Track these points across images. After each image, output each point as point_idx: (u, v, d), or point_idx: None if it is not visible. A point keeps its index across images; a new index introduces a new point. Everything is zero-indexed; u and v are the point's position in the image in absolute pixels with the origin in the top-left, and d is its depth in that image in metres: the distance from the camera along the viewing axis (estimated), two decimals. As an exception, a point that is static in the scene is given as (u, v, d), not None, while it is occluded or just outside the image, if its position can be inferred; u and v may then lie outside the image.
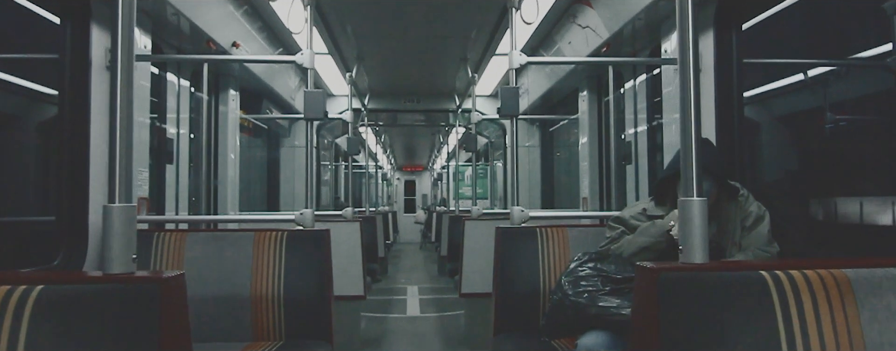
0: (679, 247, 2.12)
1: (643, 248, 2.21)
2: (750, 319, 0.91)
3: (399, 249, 13.12)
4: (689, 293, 0.94)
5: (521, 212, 2.67)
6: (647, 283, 0.98)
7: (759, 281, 0.94)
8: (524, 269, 2.58)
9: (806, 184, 3.11)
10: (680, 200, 1.12)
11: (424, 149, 13.44)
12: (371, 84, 6.02)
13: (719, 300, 0.93)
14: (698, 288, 0.95)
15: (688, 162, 1.10)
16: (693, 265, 1.02)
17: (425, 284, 7.88)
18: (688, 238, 1.05)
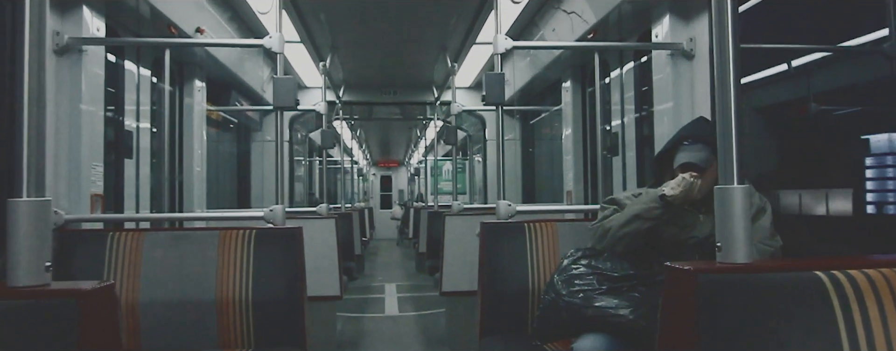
0: (660, 201, 2.00)
1: (635, 216, 2.04)
2: (808, 327, 0.76)
3: (376, 245, 12.92)
4: (735, 298, 0.79)
5: (507, 206, 2.51)
6: (683, 286, 0.82)
7: (815, 283, 0.79)
8: (512, 266, 2.42)
9: (794, 176, 3.01)
10: (717, 189, 0.96)
11: (401, 143, 13.22)
12: (346, 76, 5.80)
13: (771, 306, 0.78)
14: (746, 292, 0.79)
15: (727, 145, 0.93)
16: (736, 266, 0.86)
17: (403, 281, 7.70)
18: (728, 233, 0.90)
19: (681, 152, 2.08)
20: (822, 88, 2.95)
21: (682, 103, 2.60)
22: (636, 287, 2.04)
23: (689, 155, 2.06)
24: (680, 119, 2.59)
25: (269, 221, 2.45)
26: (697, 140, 2.08)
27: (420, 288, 6.95)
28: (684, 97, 2.61)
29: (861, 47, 2.64)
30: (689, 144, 2.08)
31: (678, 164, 2.06)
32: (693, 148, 2.07)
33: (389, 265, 9.65)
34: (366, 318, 5.43)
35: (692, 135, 2.09)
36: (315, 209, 4.10)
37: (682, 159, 2.05)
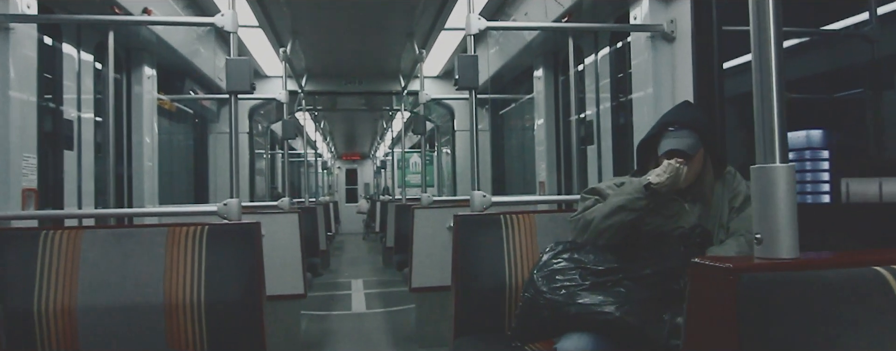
0: (650, 189, 1.88)
1: (618, 207, 1.92)
2: (875, 335, 0.63)
3: (341, 240, 12.68)
4: (785, 301, 0.65)
5: (482, 197, 2.36)
6: (718, 287, 0.68)
7: (877, 281, 0.65)
8: (487, 261, 2.27)
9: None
10: (755, 169, 0.81)
11: (366, 136, 12.95)
12: (308, 64, 5.55)
13: (828, 310, 0.64)
14: (798, 293, 0.66)
15: (767, 116, 0.77)
16: (781, 261, 0.72)
17: (371, 277, 7.51)
18: (770, 222, 0.75)
19: (665, 139, 1.96)
20: (794, 76, 2.88)
21: (663, 88, 2.49)
22: (621, 282, 1.92)
23: (674, 141, 1.94)
24: (661, 105, 2.48)
25: (223, 216, 2.25)
26: (683, 126, 1.96)
27: (388, 283, 6.77)
28: (665, 82, 2.50)
29: (843, 31, 2.57)
30: (674, 130, 1.96)
31: (663, 150, 1.93)
32: (679, 134, 1.95)
33: (356, 260, 9.43)
34: (332, 316, 5.22)
35: (677, 120, 1.97)
36: (276, 203, 3.89)
37: (668, 146, 1.93)
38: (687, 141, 1.93)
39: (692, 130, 1.95)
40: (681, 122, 1.97)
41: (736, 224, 2.01)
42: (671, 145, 1.92)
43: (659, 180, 1.87)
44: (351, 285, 6.82)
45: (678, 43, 2.46)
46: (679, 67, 2.45)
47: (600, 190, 2.09)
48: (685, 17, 2.40)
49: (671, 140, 1.94)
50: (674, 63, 2.48)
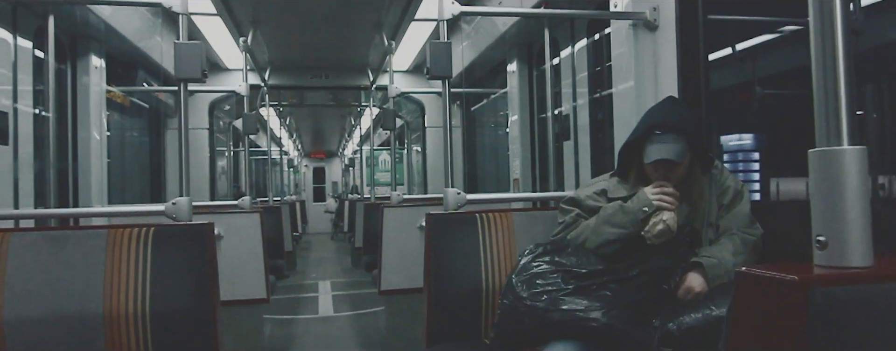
0: (651, 234, 1.77)
1: (609, 241, 1.83)
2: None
3: (308, 240, 12.39)
4: (863, 320, 0.51)
5: (457, 195, 2.19)
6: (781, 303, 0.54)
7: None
8: (462, 263, 2.11)
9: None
10: (815, 153, 0.65)
11: (334, 133, 12.66)
12: (272, 57, 5.31)
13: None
14: (878, 311, 0.52)
15: (831, 94, 0.62)
16: (855, 271, 0.58)
17: (339, 278, 7.30)
18: (840, 222, 0.61)
19: (652, 145, 1.82)
20: (770, 71, 2.80)
21: (645, 80, 2.36)
22: (607, 285, 1.78)
23: (662, 148, 1.80)
24: (643, 98, 2.36)
25: (171, 216, 2.03)
26: (670, 129, 1.82)
27: (356, 285, 6.57)
28: (647, 74, 2.37)
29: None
30: (660, 135, 1.82)
31: (650, 159, 1.80)
32: (665, 139, 1.81)
33: (323, 261, 9.19)
34: (298, 320, 5.01)
35: (664, 122, 1.82)
36: (236, 203, 3.66)
37: (655, 155, 1.80)
38: (675, 147, 1.80)
39: (679, 134, 1.82)
40: (667, 125, 1.82)
41: (725, 222, 1.90)
42: (659, 154, 1.79)
43: (653, 239, 1.76)
44: (318, 287, 6.61)
45: (661, 32, 2.33)
46: (662, 59, 2.33)
47: (580, 201, 1.96)
48: (669, 5, 2.28)
49: (658, 147, 1.81)
50: (656, 54, 2.35)
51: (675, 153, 1.79)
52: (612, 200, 1.93)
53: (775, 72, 2.74)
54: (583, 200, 1.97)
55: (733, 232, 1.85)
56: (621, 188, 1.94)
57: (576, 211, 1.97)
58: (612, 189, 1.96)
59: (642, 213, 1.79)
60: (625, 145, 1.92)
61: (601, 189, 1.97)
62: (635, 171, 1.93)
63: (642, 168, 1.90)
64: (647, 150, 1.82)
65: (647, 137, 1.84)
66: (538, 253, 1.84)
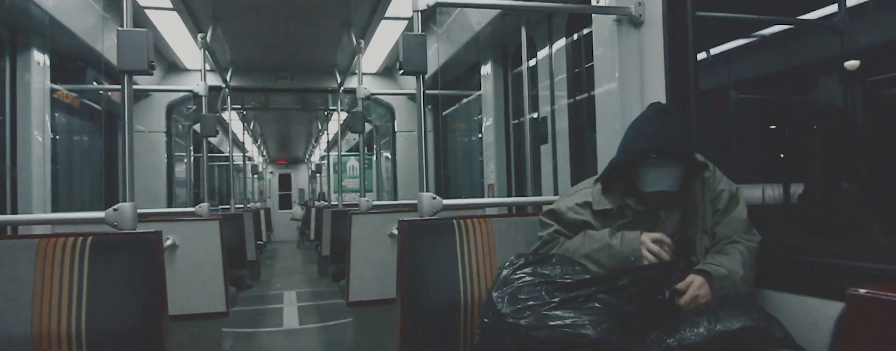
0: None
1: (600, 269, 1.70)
2: None
3: (274, 248, 12.04)
4: None
5: (432, 199, 2.03)
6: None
7: None
8: (439, 273, 1.95)
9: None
10: None
11: (301, 138, 12.35)
12: (234, 57, 5.07)
13: None
14: None
15: None
16: None
17: (305, 288, 7.03)
18: None
19: (649, 171, 1.69)
20: (745, 76, 2.73)
21: (631, 81, 2.24)
22: (595, 296, 1.64)
23: (661, 177, 1.68)
24: (628, 100, 2.24)
25: (112, 223, 1.82)
26: (668, 153, 1.67)
27: (323, 295, 6.33)
28: (632, 74, 2.25)
29: (814, 22, 2.42)
30: (657, 159, 1.68)
31: (650, 189, 1.68)
32: (664, 164, 1.67)
33: (289, 270, 8.88)
34: (260, 333, 4.75)
35: (660, 146, 1.67)
36: (193, 210, 3.42)
37: (655, 185, 1.67)
38: (674, 173, 1.68)
39: (677, 159, 1.69)
40: (666, 149, 1.68)
41: (722, 229, 1.78)
42: (658, 185, 1.67)
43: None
44: (283, 298, 6.33)
45: (647, 29, 2.22)
46: (648, 58, 2.21)
47: (561, 214, 1.82)
48: (656, 1, 2.17)
49: (656, 174, 1.68)
50: (642, 52, 2.24)
51: (675, 181, 1.67)
52: (596, 213, 1.79)
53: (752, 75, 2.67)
54: (563, 212, 1.83)
55: (736, 240, 1.73)
56: (606, 200, 1.80)
57: (554, 227, 1.83)
58: (596, 200, 1.81)
59: (629, 261, 1.66)
60: (616, 164, 1.78)
61: (584, 201, 1.82)
62: (624, 182, 1.80)
63: (632, 180, 1.77)
64: (644, 175, 1.70)
65: (642, 160, 1.70)
66: (518, 265, 1.69)
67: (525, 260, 1.70)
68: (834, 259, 1.70)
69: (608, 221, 1.80)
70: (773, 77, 2.66)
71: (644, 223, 1.77)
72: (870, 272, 1.55)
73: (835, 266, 1.69)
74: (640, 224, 1.76)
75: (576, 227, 1.81)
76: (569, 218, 1.82)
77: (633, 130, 1.79)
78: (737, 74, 2.63)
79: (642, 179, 1.70)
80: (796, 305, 1.69)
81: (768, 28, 2.40)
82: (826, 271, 1.71)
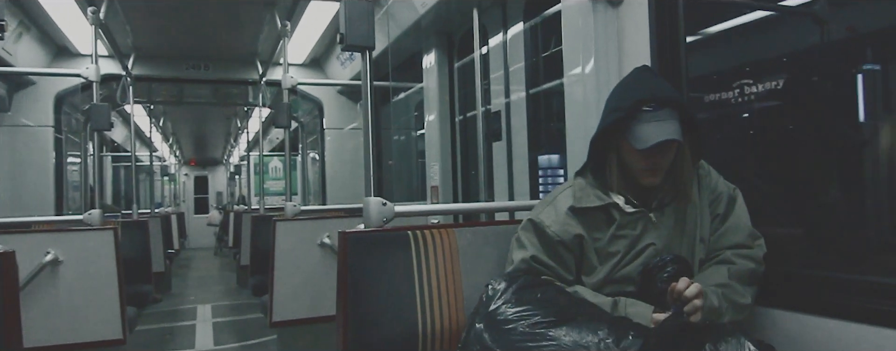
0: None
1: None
2: None
3: (188, 256, 11.13)
4: None
5: (382, 206, 1.63)
6: None
7: None
8: (392, 297, 1.56)
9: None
10: None
11: (218, 138, 11.48)
12: (137, 42, 4.44)
13: None
14: None
15: None
16: None
17: (222, 301, 6.40)
18: None
19: (643, 124, 1.39)
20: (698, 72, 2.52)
21: (608, 64, 1.95)
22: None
23: (658, 128, 1.38)
24: (604, 88, 1.94)
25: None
26: (662, 103, 1.40)
27: (242, 309, 5.75)
28: (609, 59, 1.96)
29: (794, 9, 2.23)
30: (652, 111, 1.40)
31: (649, 143, 1.37)
32: (659, 116, 1.39)
33: (204, 281, 8.14)
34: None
35: (654, 97, 1.41)
36: (81, 218, 2.84)
37: (654, 136, 1.37)
38: (673, 125, 1.40)
39: (673, 109, 1.41)
40: (660, 99, 1.41)
41: (723, 238, 1.51)
42: (659, 135, 1.37)
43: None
44: (196, 313, 5.70)
45: (627, 8, 1.93)
46: (629, 41, 1.93)
47: (543, 229, 1.49)
48: (636, -26, 1.89)
49: (653, 126, 1.38)
50: (620, 35, 1.95)
51: (676, 131, 1.38)
52: (579, 212, 1.47)
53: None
54: (546, 228, 1.48)
55: (726, 259, 1.47)
56: (592, 194, 1.49)
57: (531, 253, 1.48)
58: (579, 194, 1.50)
59: (645, 316, 1.37)
60: (601, 130, 1.47)
61: (569, 207, 1.50)
62: (612, 168, 1.49)
63: (621, 164, 1.48)
64: (637, 132, 1.39)
65: (632, 117, 1.40)
66: (500, 292, 1.34)
67: (506, 285, 1.35)
68: (858, 275, 1.47)
69: (595, 231, 1.48)
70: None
71: (634, 229, 1.47)
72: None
73: (857, 282, 1.45)
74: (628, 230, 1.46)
75: (566, 247, 1.48)
76: (551, 236, 1.48)
77: (618, 92, 1.51)
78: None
79: (637, 137, 1.39)
80: (812, 329, 1.44)
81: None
82: (844, 287, 1.47)
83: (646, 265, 1.45)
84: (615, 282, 1.47)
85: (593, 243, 1.48)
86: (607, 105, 1.51)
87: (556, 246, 1.47)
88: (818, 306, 1.44)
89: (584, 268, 1.50)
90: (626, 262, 1.47)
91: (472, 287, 1.62)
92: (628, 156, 1.46)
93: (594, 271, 1.48)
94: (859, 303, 1.37)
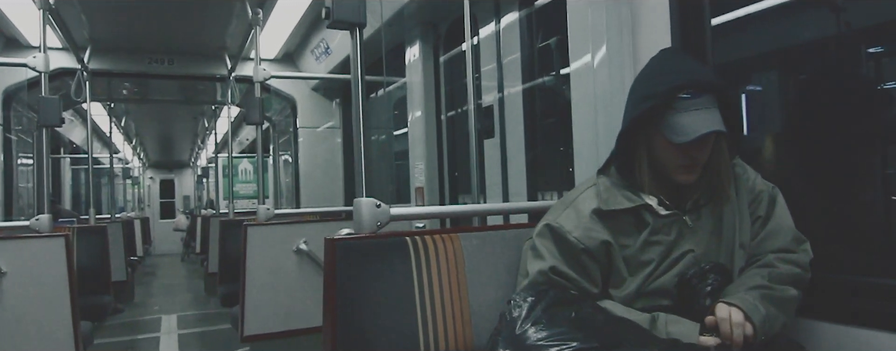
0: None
1: None
2: None
3: (154, 263, 10.68)
4: None
5: (376, 208, 1.41)
6: None
7: None
8: (389, 313, 1.34)
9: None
10: None
11: (185, 139, 11.04)
12: (94, 33, 4.12)
13: None
14: None
15: None
16: None
17: (188, 310, 6.07)
18: None
19: (681, 116, 1.21)
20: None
21: (622, 51, 1.76)
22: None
23: (702, 119, 1.20)
24: (616, 75, 1.75)
25: None
26: (702, 89, 1.22)
27: (210, 319, 5.44)
28: (624, 42, 1.77)
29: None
30: (690, 98, 1.21)
31: (690, 137, 1.18)
32: (699, 104, 1.21)
33: (170, 289, 7.76)
34: (128, 375, 3.85)
35: (694, 81, 1.22)
36: (27, 224, 2.55)
37: (696, 129, 1.18)
38: (714, 115, 1.22)
39: (712, 96, 1.23)
40: (700, 84, 1.23)
41: (765, 243, 1.34)
42: (701, 127, 1.18)
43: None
44: (161, 324, 5.37)
45: (641, -11, 1.75)
46: (644, 24, 1.75)
47: (564, 235, 1.28)
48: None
49: (693, 116, 1.20)
50: (635, 19, 1.77)
51: (718, 122, 1.20)
52: (606, 215, 1.28)
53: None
54: (567, 234, 1.29)
55: (768, 262, 1.30)
56: (620, 194, 1.30)
57: (550, 263, 1.28)
58: (605, 195, 1.31)
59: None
60: (632, 122, 1.28)
61: (592, 210, 1.30)
62: (642, 165, 1.30)
63: (652, 160, 1.29)
64: (674, 123, 1.21)
65: (667, 106, 1.22)
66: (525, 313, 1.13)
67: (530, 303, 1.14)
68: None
69: (623, 237, 1.29)
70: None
71: (666, 234, 1.28)
72: None
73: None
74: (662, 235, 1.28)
75: (590, 256, 1.28)
76: (573, 244, 1.28)
77: (648, 77, 1.31)
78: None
79: (675, 129, 1.21)
80: (854, 341, 1.28)
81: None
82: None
83: (683, 275, 1.26)
84: (648, 295, 1.28)
85: (621, 251, 1.29)
86: (635, 93, 1.31)
87: (580, 255, 1.28)
88: (863, 317, 1.28)
89: (612, 279, 1.30)
90: (661, 271, 1.28)
91: (480, 300, 1.41)
92: (661, 150, 1.27)
93: (624, 283, 1.29)
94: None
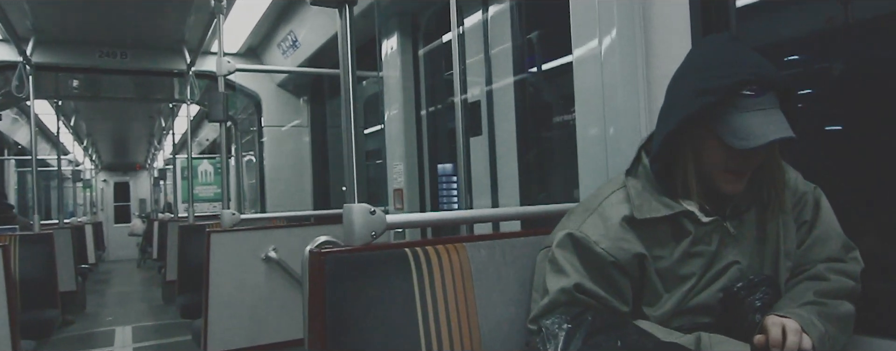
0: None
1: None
2: None
3: (108, 270, 10.16)
4: None
5: (370, 215, 1.20)
6: None
7: None
8: (390, 335, 1.14)
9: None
10: None
11: (141, 140, 10.52)
12: (38, 23, 3.78)
13: None
14: None
15: None
16: None
17: (145, 320, 5.71)
18: None
19: (744, 117, 1.03)
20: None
21: (634, 35, 1.60)
22: None
23: (769, 122, 1.02)
24: (627, 62, 1.59)
25: None
26: (767, 85, 1.04)
27: (168, 330, 5.11)
28: (635, 26, 1.61)
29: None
30: (754, 97, 1.04)
31: (756, 143, 1.01)
32: (763, 103, 1.04)
33: (125, 297, 7.33)
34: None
35: (759, 76, 1.04)
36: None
37: (764, 134, 1.01)
38: (780, 117, 1.04)
39: (775, 94, 1.06)
40: (765, 80, 1.04)
41: (806, 252, 1.19)
42: (769, 132, 1.01)
43: None
44: (114, 337, 5.02)
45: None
46: (658, 6, 1.59)
47: (590, 246, 1.10)
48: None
49: (758, 118, 1.02)
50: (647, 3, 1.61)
51: (787, 127, 1.03)
52: (638, 224, 1.11)
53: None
54: (593, 245, 1.10)
55: (820, 273, 1.15)
56: (655, 200, 1.13)
57: (575, 281, 1.10)
58: (637, 201, 1.13)
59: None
60: (684, 120, 1.09)
61: (623, 218, 1.12)
62: (687, 169, 1.13)
63: (697, 161, 1.12)
64: (736, 125, 1.03)
65: (727, 104, 1.05)
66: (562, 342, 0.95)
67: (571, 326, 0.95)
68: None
69: (657, 248, 1.12)
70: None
71: (707, 244, 1.12)
72: None
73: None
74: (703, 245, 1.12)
75: (621, 271, 1.11)
76: (610, 255, 1.10)
77: (702, 68, 1.11)
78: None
79: (737, 133, 1.03)
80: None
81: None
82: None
83: (727, 290, 1.10)
84: (686, 313, 1.11)
85: (655, 263, 1.12)
86: (686, 85, 1.12)
87: (609, 268, 1.10)
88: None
89: (645, 296, 1.13)
90: (702, 286, 1.11)
91: (491, 319, 1.23)
92: (710, 153, 1.09)
93: (660, 300, 1.12)
94: None
